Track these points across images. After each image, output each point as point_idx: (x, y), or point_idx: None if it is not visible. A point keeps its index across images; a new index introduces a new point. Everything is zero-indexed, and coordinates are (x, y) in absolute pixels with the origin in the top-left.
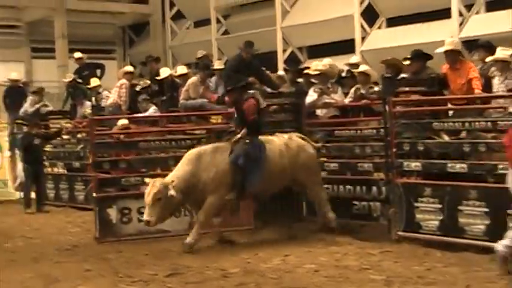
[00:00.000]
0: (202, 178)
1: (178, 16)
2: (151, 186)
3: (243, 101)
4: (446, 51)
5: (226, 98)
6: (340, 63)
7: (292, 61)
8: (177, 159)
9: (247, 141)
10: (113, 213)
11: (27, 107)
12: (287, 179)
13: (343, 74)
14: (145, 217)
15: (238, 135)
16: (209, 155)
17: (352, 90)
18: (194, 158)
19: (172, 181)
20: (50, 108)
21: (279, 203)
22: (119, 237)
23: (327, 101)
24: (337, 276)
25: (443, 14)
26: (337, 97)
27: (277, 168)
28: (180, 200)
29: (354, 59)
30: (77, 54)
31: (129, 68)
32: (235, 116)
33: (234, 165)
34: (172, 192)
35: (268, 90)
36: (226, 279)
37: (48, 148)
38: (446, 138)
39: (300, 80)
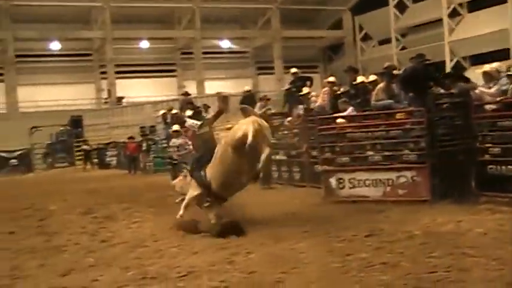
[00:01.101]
0: None
1: (365, 37)
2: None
3: None
4: None
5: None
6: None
7: (456, 68)
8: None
9: None
10: (333, 181)
11: (256, 110)
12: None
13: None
14: None
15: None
16: None
17: (510, 87)
18: None
19: None
20: (273, 111)
21: (452, 179)
22: (337, 199)
23: (488, 98)
24: (501, 238)
25: None
26: (487, 91)
27: None
28: None
29: None
30: (293, 70)
31: (331, 79)
32: None
33: None
34: None
35: (442, 90)
36: (411, 239)
37: (273, 140)
38: None
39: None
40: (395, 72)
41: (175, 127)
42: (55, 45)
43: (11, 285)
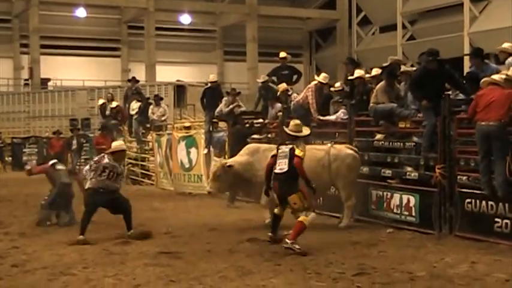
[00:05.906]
0: (255, 168)
1: (364, 21)
2: (214, 166)
3: None
4: None
5: None
6: None
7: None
8: None
9: None
10: None
11: (222, 107)
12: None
13: None
14: (208, 188)
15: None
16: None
17: None
18: (252, 150)
19: (230, 165)
20: (243, 108)
21: None
22: None
23: None
24: None
25: None
26: None
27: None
28: (235, 180)
29: None
30: (282, 54)
31: (323, 77)
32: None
33: None
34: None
35: (461, 96)
36: (413, 282)
37: None
38: None
39: None
40: (402, 68)
41: None
42: None
43: None
